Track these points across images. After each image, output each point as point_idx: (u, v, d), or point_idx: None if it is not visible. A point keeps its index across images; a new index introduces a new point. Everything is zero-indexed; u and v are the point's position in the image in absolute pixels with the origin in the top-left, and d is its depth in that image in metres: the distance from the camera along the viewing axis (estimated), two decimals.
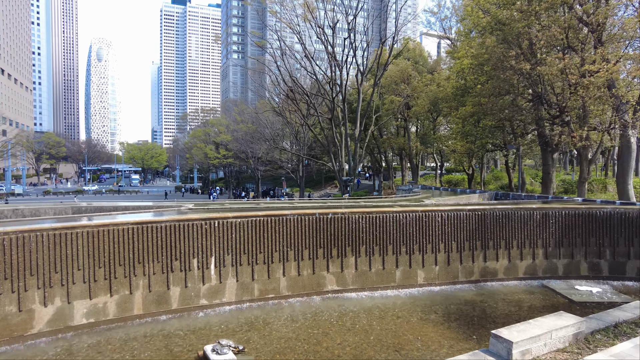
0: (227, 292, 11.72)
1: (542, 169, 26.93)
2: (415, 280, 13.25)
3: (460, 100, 28.08)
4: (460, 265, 13.65)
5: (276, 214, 12.21)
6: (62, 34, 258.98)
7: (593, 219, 14.25)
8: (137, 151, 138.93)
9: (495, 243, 13.91)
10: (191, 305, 11.33)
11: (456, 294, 12.93)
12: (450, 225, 13.56)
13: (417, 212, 13.26)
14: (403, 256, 13.19)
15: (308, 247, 12.43)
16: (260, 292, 12.01)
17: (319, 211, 12.52)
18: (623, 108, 20.48)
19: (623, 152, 21.82)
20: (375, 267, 12.96)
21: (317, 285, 12.51)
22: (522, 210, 14.02)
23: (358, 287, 12.81)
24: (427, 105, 41.21)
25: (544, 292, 13.17)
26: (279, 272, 12.19)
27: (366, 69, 36.60)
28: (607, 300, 12.28)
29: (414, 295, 12.83)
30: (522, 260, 14.10)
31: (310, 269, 12.46)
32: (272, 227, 12.11)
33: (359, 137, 36.87)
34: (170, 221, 11.19)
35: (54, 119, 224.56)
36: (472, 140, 28.15)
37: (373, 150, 57.82)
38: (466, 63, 25.90)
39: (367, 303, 12.16)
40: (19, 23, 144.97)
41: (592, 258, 14.30)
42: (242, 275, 11.86)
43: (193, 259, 11.40)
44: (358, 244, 12.83)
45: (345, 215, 12.71)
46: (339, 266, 12.68)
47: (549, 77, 19.27)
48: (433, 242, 13.42)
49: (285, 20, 33.62)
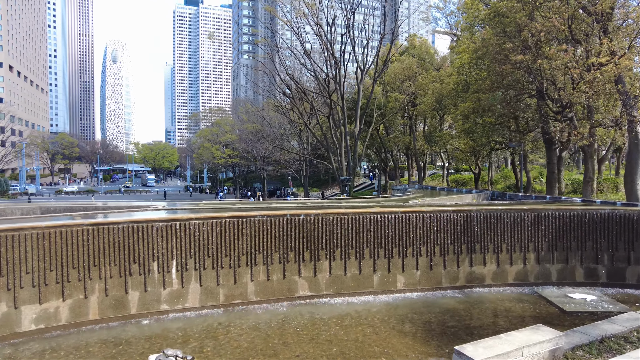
0: (190, 297, 11.11)
1: (547, 168, 25.73)
2: (395, 286, 12.45)
3: (461, 96, 27.04)
4: (444, 270, 12.79)
5: (243, 215, 11.56)
6: (78, 36, 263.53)
7: (590, 221, 13.23)
8: (149, 151, 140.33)
9: (482, 246, 13.01)
10: (151, 311, 10.75)
11: (438, 301, 12.08)
12: (433, 227, 12.71)
13: (396, 213, 12.46)
14: (381, 260, 12.40)
15: (278, 251, 11.74)
16: (226, 297, 11.38)
17: (290, 212, 11.83)
18: (631, 103, 19.26)
19: (631, 150, 20.56)
20: (351, 272, 12.21)
21: (288, 291, 11.82)
22: (512, 212, 13.08)
23: (332, 293, 12.07)
24: (433, 103, 40.13)
25: (534, 300, 12.23)
26: (246, 277, 11.54)
27: (366, 65, 35.73)
28: (601, 310, 11.29)
29: (392, 301, 12.03)
30: (512, 265, 13.17)
31: (281, 273, 11.77)
32: (239, 229, 11.46)
33: (359, 136, 36.02)
34: (128, 222, 10.64)
35: (69, 120, 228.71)
36: (473, 138, 27.10)
37: (379, 150, 56.85)
38: (466, 58, 24.89)
39: (340, 310, 11.42)
40: (36, 27, 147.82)
41: (588, 263, 13.27)
42: (206, 280, 11.24)
43: (153, 262, 10.82)
44: (332, 247, 12.09)
45: (318, 217, 11.98)
46: (312, 270, 11.97)
47: (550, 70, 18.19)
48: (414, 245, 12.60)
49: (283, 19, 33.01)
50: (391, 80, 45.45)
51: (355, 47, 33.48)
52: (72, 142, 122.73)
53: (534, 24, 18.53)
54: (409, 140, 46.81)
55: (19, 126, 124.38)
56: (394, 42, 35.98)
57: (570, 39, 20.62)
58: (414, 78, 43.64)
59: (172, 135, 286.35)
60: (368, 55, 35.67)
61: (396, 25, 34.54)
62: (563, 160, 34.64)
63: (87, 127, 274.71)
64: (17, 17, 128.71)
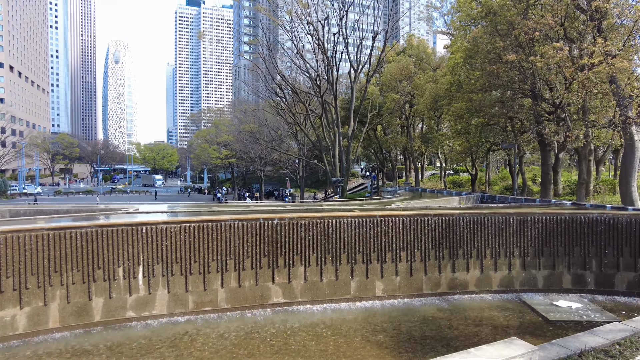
0: (158, 303, 10.68)
1: (541, 169, 25.19)
2: (373, 292, 11.99)
3: (454, 97, 26.52)
4: (425, 276, 12.32)
5: (213, 219, 11.13)
6: (80, 37, 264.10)
7: (577, 225, 12.73)
8: (149, 152, 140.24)
9: (465, 252, 12.53)
10: (116, 318, 10.34)
11: (417, 309, 11.61)
12: (413, 231, 12.25)
13: (374, 217, 12.00)
14: (359, 265, 11.95)
15: (250, 256, 11.30)
16: (195, 304, 10.95)
17: (263, 216, 11.39)
18: (624, 103, 18.74)
19: (626, 152, 20.03)
20: (327, 278, 11.76)
21: (261, 298, 11.38)
22: (496, 216, 12.60)
23: (308, 300, 11.62)
24: (430, 104, 39.64)
25: (518, 308, 11.75)
26: (217, 283, 11.10)
27: (360, 65, 35.27)
28: (586, 319, 10.81)
29: (369, 309, 11.57)
30: (496, 271, 12.68)
31: (253, 279, 11.33)
32: (209, 234, 11.03)
33: (352, 136, 35.53)
34: (92, 227, 10.22)
35: (71, 121, 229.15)
36: (467, 139, 26.58)
37: (376, 150, 56.37)
38: (458, 58, 24.37)
39: (314, 318, 10.97)
40: (37, 27, 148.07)
41: (576, 269, 12.77)
42: (175, 286, 10.81)
43: (118, 267, 10.40)
44: (308, 252, 11.64)
45: (293, 221, 11.54)
46: (286, 276, 11.52)
47: (542, 70, 17.68)
48: (393, 250, 12.14)
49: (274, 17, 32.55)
50: (387, 81, 44.98)
51: (348, 46, 33.02)
52: (72, 142, 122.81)
53: (526, 22, 18.04)
54: (406, 141, 46.32)
55: (20, 126, 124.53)
56: (388, 41, 35.41)
57: (564, 38, 20.13)
58: (410, 78, 43.15)
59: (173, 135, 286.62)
60: (361, 54, 35.22)
61: (389, 24, 34.01)
62: (560, 161, 34.06)
63: (89, 127, 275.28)
64: (18, 17, 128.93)
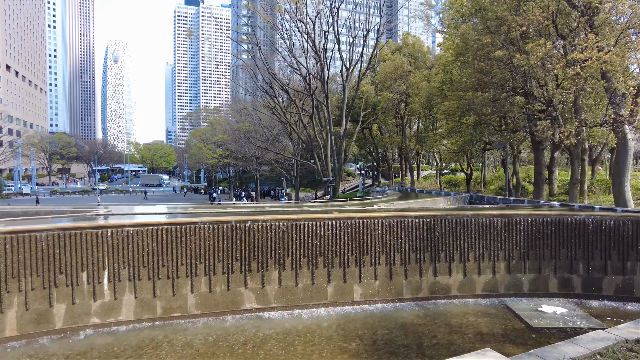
0: (124, 309, 10.25)
1: (534, 169, 24.70)
2: (351, 297, 11.56)
3: (445, 95, 26.06)
4: (405, 279, 11.89)
5: (182, 222, 10.69)
6: (79, 36, 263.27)
7: (564, 227, 12.29)
8: (147, 151, 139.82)
9: (447, 255, 12.09)
10: (80, 325, 9.91)
11: (396, 315, 11.18)
12: (393, 233, 11.81)
13: (353, 219, 11.56)
14: (336, 269, 11.51)
15: (222, 260, 10.87)
16: (163, 310, 10.51)
17: (235, 219, 10.95)
18: (617, 101, 18.26)
19: (619, 151, 19.53)
20: (302, 282, 11.32)
21: (233, 303, 10.95)
22: (480, 218, 12.16)
23: (282, 305, 11.19)
24: (425, 103, 39.15)
25: (501, 314, 11.30)
26: (186, 288, 10.67)
27: (351, 63, 34.81)
28: (571, 325, 10.36)
29: (346, 314, 11.13)
30: (480, 275, 12.24)
31: (225, 284, 10.89)
32: (178, 237, 10.60)
33: (344, 135, 35.06)
34: (54, 230, 9.78)
35: (70, 120, 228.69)
36: (459, 138, 26.10)
37: (372, 150, 55.88)
38: (449, 55, 23.88)
39: (287, 324, 10.53)
40: (35, 27, 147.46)
41: (562, 273, 12.33)
42: (142, 291, 10.38)
43: (82, 272, 9.97)
44: (282, 256, 11.21)
45: (267, 223, 11.10)
46: (260, 281, 11.08)
47: (527, 66, 17.21)
48: (372, 253, 11.70)
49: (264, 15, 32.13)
50: (382, 79, 44.48)
51: (340, 44, 32.57)
52: (69, 142, 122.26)
53: (514, 17, 17.57)
54: (401, 141, 45.82)
55: (17, 126, 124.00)
56: (380, 39, 34.93)
57: (555, 34, 19.66)
58: (405, 77, 42.65)
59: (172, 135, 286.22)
60: (353, 52, 34.77)
61: (381, 22, 33.55)
62: (556, 161, 33.58)
63: (88, 127, 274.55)
64: (15, 17, 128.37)
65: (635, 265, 11.95)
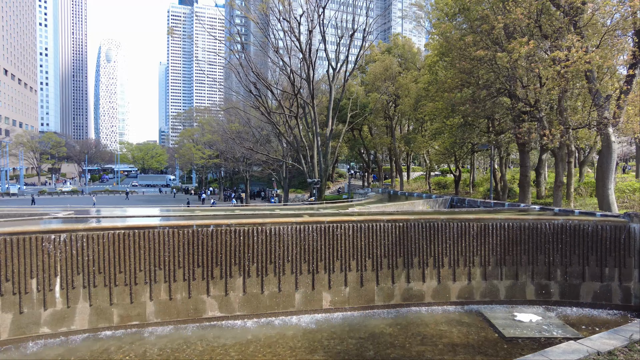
0: (78, 318, 9.72)
1: (520, 171, 24.42)
2: (320, 305, 11.10)
3: (430, 96, 25.72)
4: (377, 286, 11.45)
5: (141, 225, 10.18)
6: (72, 35, 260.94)
7: (542, 232, 11.91)
8: (138, 151, 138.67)
9: (421, 260, 11.67)
10: (28, 335, 9.37)
11: (366, 323, 10.73)
12: (365, 238, 11.37)
13: (322, 223, 11.11)
14: (304, 276, 11.05)
15: (183, 266, 10.37)
16: (120, 318, 9.99)
17: (197, 223, 10.46)
18: (600, 102, 17.99)
19: (603, 153, 19.28)
20: (269, 290, 10.84)
21: (195, 311, 10.45)
22: (455, 222, 11.75)
23: (247, 313, 10.71)
24: (413, 104, 38.87)
25: (475, 323, 10.89)
26: (145, 296, 10.16)
27: (338, 63, 34.40)
28: (546, 335, 9.97)
29: (314, 323, 10.66)
30: (455, 282, 11.83)
31: (186, 291, 10.39)
32: (136, 242, 10.08)
33: (330, 136, 34.60)
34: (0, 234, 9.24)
35: (61, 120, 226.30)
36: (446, 139, 25.76)
37: (361, 151, 55.57)
38: (434, 56, 23.53)
39: (251, 334, 10.05)
40: (25, 25, 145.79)
41: (540, 279, 11.95)
42: (97, 299, 9.85)
43: (32, 279, 9.43)
44: (247, 262, 10.73)
45: (231, 228, 10.61)
46: (223, 288, 10.60)
47: (509, 65, 16.86)
48: (342, 258, 11.25)
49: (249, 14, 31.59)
50: (371, 80, 44.19)
51: (326, 43, 32.16)
52: (59, 141, 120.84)
53: (495, 16, 17.23)
54: (390, 142, 45.53)
55: (6, 125, 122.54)
56: (366, 39, 34.58)
57: (539, 35, 19.37)
58: (394, 78, 42.35)
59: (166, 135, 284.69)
60: (339, 52, 34.36)
61: (367, 21, 33.15)
62: (543, 162, 33.40)
63: (80, 126, 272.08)
64: (5, 14, 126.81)
65: (613, 271, 11.60)
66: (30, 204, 62.14)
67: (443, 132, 24.60)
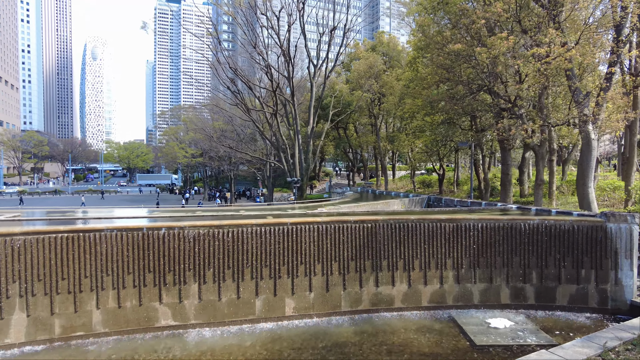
0: (13, 330, 8.93)
1: (501, 169, 24.03)
2: (282, 312, 10.44)
3: (410, 93, 25.23)
4: (344, 291, 10.83)
5: (86, 229, 9.42)
6: (56, 32, 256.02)
7: (517, 233, 11.41)
8: (123, 150, 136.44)
9: (390, 263, 11.08)
10: None
11: (330, 331, 10.10)
12: (331, 240, 10.74)
13: (285, 224, 10.45)
14: (266, 281, 10.38)
15: (132, 272, 9.63)
16: (63, 329, 9.22)
17: (147, 225, 9.73)
18: (580, 99, 17.60)
19: (583, 151, 18.89)
20: (227, 296, 10.16)
21: (146, 320, 9.72)
22: (426, 223, 11.18)
23: (203, 322, 10.01)
24: (397, 102, 38.35)
25: (446, 330, 10.33)
26: (91, 304, 9.40)
27: (319, 60, 33.76)
28: (520, 342, 9.45)
29: (274, 332, 10.01)
30: (426, 285, 11.27)
31: (136, 299, 9.66)
32: (81, 246, 9.32)
33: (312, 134, 33.98)
34: None
35: (45, 118, 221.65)
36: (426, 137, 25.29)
37: (347, 150, 54.98)
38: (413, 51, 23.03)
39: (205, 345, 9.35)
40: (5, 21, 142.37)
41: (515, 282, 11.45)
42: (36, 309, 9.07)
43: None
44: (203, 267, 10.03)
45: (184, 231, 9.90)
46: (177, 295, 9.88)
47: (488, 60, 16.39)
48: (307, 262, 10.61)
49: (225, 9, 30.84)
50: (356, 78, 43.58)
51: (306, 39, 31.50)
52: (41, 140, 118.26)
53: (474, 10, 16.74)
54: (375, 141, 44.99)
55: None
56: (347, 35, 33.96)
57: (519, 30, 18.93)
58: (378, 76, 41.80)
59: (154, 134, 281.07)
60: (320, 49, 33.74)
61: (347, 19, 32.56)
62: (527, 161, 33.15)
63: (65, 125, 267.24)
64: None
65: (590, 273, 11.15)
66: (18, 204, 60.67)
67: (424, 130, 24.11)
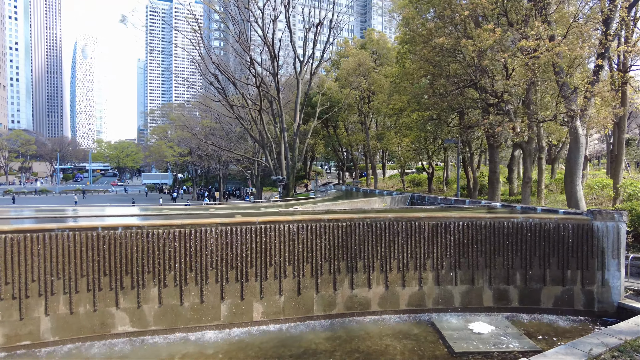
0: None
1: (489, 167, 23.54)
2: (250, 317, 9.79)
3: (397, 90, 24.68)
4: (317, 294, 10.20)
5: (34, 229, 8.70)
6: (45, 29, 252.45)
7: (500, 232, 10.85)
8: (113, 150, 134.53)
9: (366, 264, 10.47)
10: None
11: (301, 337, 9.47)
12: (302, 241, 10.11)
13: (253, 224, 9.80)
14: (232, 284, 9.72)
15: (87, 275, 8.93)
16: (7, 338, 8.49)
17: (102, 225, 9.02)
18: (567, 94, 17.12)
19: (571, 148, 18.45)
20: (189, 301, 9.48)
21: (101, 327, 9.02)
22: (403, 221, 10.58)
23: (164, 328, 9.32)
24: (386, 100, 37.81)
25: (424, 335, 9.74)
26: (40, 310, 8.68)
27: (305, 56, 33.12)
28: (500, 349, 8.88)
29: (240, 339, 9.35)
30: (404, 287, 10.67)
31: (90, 304, 8.95)
32: (28, 247, 8.59)
33: (298, 132, 33.32)
34: None
35: (34, 117, 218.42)
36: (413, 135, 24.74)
37: (336, 148, 54.38)
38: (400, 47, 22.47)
39: (165, 352, 8.68)
40: None
41: (498, 284, 10.90)
42: None
43: None
44: (163, 270, 9.34)
45: (142, 231, 9.20)
46: (135, 300, 9.19)
47: (474, 54, 15.85)
48: (277, 264, 9.97)
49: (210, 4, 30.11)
50: (344, 76, 43.00)
51: (292, 34, 30.83)
52: (28, 139, 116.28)
53: (460, 2, 16.19)
54: (364, 139, 44.45)
55: None
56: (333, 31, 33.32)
57: (506, 23, 18.41)
58: (368, 73, 41.23)
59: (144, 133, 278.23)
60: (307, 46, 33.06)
61: (334, 14, 31.95)
62: (515, 159, 32.78)
63: (55, 124, 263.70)
64: None
65: (576, 274, 10.63)
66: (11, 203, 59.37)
67: (411, 127, 23.57)
